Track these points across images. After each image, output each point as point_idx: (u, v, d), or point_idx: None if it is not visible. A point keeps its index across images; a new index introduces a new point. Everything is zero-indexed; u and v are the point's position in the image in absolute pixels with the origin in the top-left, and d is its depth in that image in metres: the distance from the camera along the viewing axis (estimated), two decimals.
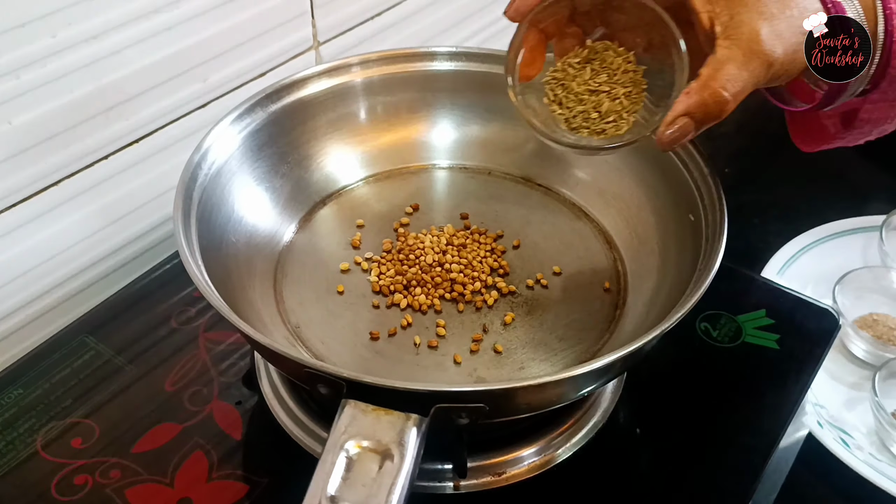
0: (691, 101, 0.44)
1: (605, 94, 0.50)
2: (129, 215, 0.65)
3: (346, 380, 0.39)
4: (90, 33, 0.56)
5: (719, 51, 0.43)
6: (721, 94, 0.43)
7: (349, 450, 0.38)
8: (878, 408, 0.65)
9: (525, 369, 0.51)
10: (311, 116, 0.60)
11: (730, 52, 0.43)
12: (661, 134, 0.45)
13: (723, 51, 0.43)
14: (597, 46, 0.51)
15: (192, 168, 0.51)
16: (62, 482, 0.49)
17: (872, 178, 0.93)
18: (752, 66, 0.43)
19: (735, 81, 0.43)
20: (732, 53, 0.43)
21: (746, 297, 0.62)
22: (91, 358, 0.56)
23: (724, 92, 0.43)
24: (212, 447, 0.51)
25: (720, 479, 0.51)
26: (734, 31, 0.43)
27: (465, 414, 0.40)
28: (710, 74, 0.43)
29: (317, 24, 0.72)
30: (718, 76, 0.43)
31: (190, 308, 0.59)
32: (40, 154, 0.57)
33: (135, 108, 0.61)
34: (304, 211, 0.60)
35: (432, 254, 0.56)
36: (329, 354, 0.51)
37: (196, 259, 0.47)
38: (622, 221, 0.59)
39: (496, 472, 0.49)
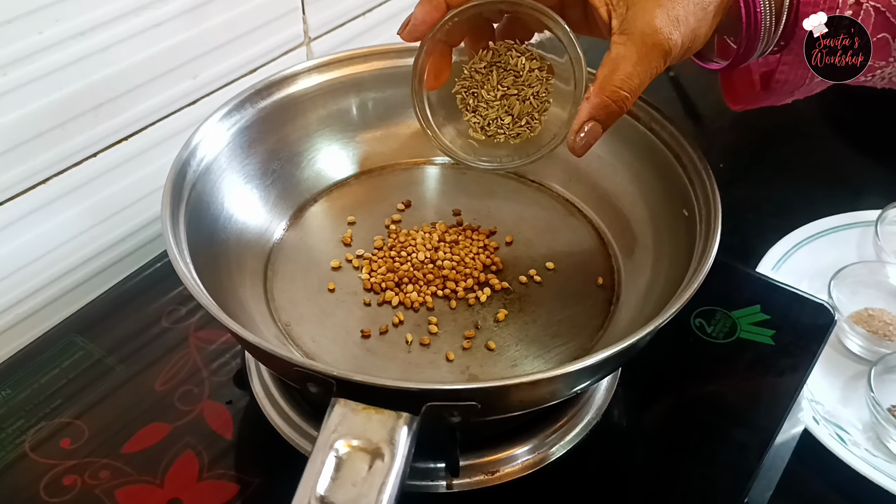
0: (592, 105, 0.45)
1: (514, 97, 0.51)
2: (119, 213, 0.65)
3: (335, 378, 0.39)
4: (78, 30, 0.55)
5: (614, 48, 0.44)
6: (619, 93, 0.44)
7: (339, 449, 0.38)
8: (874, 403, 0.65)
9: (518, 366, 0.50)
10: (302, 113, 0.59)
11: (624, 50, 0.44)
12: (572, 143, 0.46)
13: (617, 48, 0.44)
14: (500, 48, 0.52)
15: (181, 165, 0.50)
16: (51, 483, 0.49)
17: (867, 173, 0.93)
18: (648, 60, 0.44)
19: (631, 79, 0.44)
20: (626, 51, 0.44)
21: (741, 293, 0.61)
22: (80, 358, 0.56)
23: (621, 91, 0.44)
24: (202, 447, 0.51)
25: (716, 475, 0.51)
26: (629, 24, 0.43)
27: (457, 412, 0.40)
28: (607, 76, 0.44)
29: (308, 20, 0.71)
30: (614, 77, 0.44)
31: (180, 307, 0.59)
32: (28, 152, 0.56)
33: (124, 106, 0.61)
34: (295, 208, 0.59)
35: (424, 251, 0.56)
36: (320, 353, 0.50)
37: (185, 258, 0.46)
38: (616, 217, 0.58)
39: (489, 471, 0.49)
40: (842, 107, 0.97)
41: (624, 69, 0.44)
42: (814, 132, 0.97)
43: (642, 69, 0.44)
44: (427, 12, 0.46)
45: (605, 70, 0.45)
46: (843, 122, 0.97)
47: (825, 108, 0.98)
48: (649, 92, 0.56)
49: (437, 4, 0.46)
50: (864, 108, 0.95)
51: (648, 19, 0.43)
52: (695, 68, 0.51)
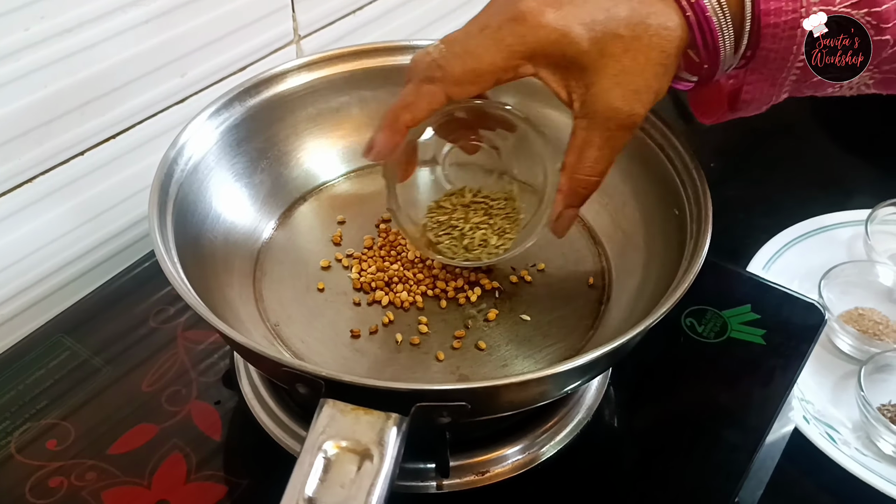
0: (564, 194, 0.46)
1: (486, 228, 0.52)
2: (106, 212, 0.64)
3: (324, 379, 0.38)
4: (64, 27, 0.55)
5: (578, 133, 0.44)
6: (589, 180, 0.45)
7: (327, 450, 0.37)
8: (864, 402, 0.65)
9: (508, 366, 0.50)
10: (291, 111, 0.59)
11: (587, 136, 0.44)
12: (555, 229, 0.48)
13: (581, 133, 0.44)
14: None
15: (168, 164, 0.50)
16: (37, 485, 0.48)
17: (856, 173, 0.93)
18: (613, 141, 0.44)
19: (598, 163, 0.44)
20: (590, 136, 0.44)
21: (732, 292, 0.61)
22: (67, 358, 0.55)
23: (590, 178, 0.45)
24: (190, 448, 0.50)
25: (706, 475, 0.51)
26: (590, 107, 0.43)
27: (447, 413, 0.40)
28: (573, 164, 0.45)
29: (298, 18, 0.71)
30: (581, 165, 0.45)
31: (168, 307, 0.59)
32: (13, 150, 0.56)
33: (111, 104, 0.60)
34: (284, 207, 0.59)
35: (414, 250, 0.56)
36: (309, 353, 0.50)
37: (172, 257, 0.46)
38: (607, 217, 0.58)
39: (480, 471, 0.49)
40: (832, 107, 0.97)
41: (590, 155, 0.44)
42: (804, 132, 0.97)
43: (608, 151, 0.44)
44: (389, 138, 0.45)
45: (572, 157, 0.45)
46: (834, 122, 0.98)
47: (815, 108, 0.99)
48: None
49: (397, 129, 0.45)
50: (854, 108, 0.94)
51: (608, 100, 0.42)
52: None
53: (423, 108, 0.44)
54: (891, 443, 0.64)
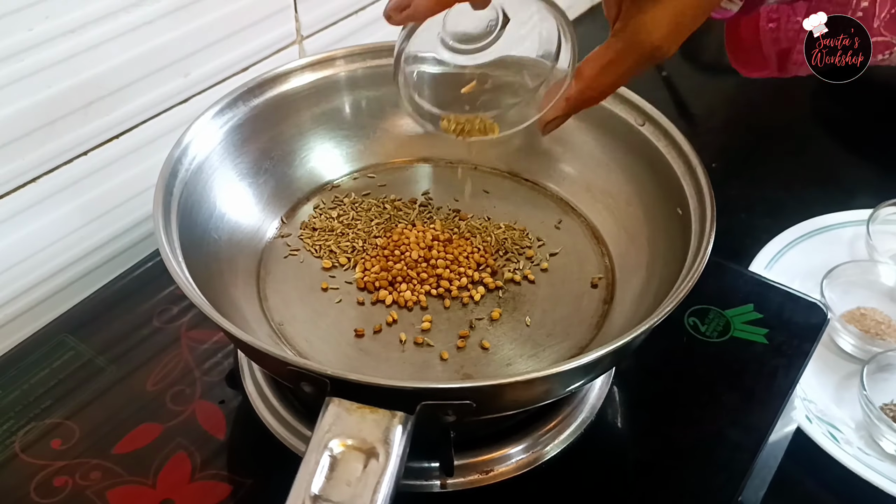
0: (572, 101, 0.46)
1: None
2: (110, 212, 0.64)
3: (329, 377, 0.39)
4: (68, 27, 0.55)
5: (608, 51, 0.44)
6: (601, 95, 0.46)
7: (333, 449, 0.37)
8: (867, 402, 0.65)
9: (512, 366, 0.50)
10: (295, 111, 0.59)
11: (616, 57, 0.44)
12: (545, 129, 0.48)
13: (611, 52, 0.44)
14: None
15: (173, 164, 0.50)
16: (42, 484, 0.48)
17: (858, 172, 0.93)
18: (637, 68, 0.44)
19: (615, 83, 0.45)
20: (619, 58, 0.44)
21: (735, 292, 0.61)
22: (71, 358, 0.55)
23: (603, 94, 0.46)
24: (195, 447, 0.50)
25: (709, 474, 0.51)
26: (632, 33, 0.43)
27: (452, 411, 0.40)
28: (592, 77, 0.45)
29: (300, 18, 0.71)
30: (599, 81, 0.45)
31: (172, 307, 0.59)
32: (18, 150, 0.56)
33: (115, 104, 0.60)
34: (288, 207, 0.59)
35: (418, 249, 0.56)
36: (313, 352, 0.50)
37: (177, 257, 0.46)
38: (610, 216, 0.58)
39: (483, 470, 0.49)
40: (834, 107, 0.98)
41: (611, 72, 0.44)
42: (806, 132, 0.97)
43: (628, 75, 0.44)
44: (435, 3, 0.41)
45: (593, 70, 0.45)
46: (835, 121, 0.98)
47: (817, 108, 0.99)
48: (642, 92, 0.56)
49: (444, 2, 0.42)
50: (856, 107, 0.95)
51: (652, 34, 0.42)
52: (687, 68, 0.51)
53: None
54: (893, 442, 0.64)
